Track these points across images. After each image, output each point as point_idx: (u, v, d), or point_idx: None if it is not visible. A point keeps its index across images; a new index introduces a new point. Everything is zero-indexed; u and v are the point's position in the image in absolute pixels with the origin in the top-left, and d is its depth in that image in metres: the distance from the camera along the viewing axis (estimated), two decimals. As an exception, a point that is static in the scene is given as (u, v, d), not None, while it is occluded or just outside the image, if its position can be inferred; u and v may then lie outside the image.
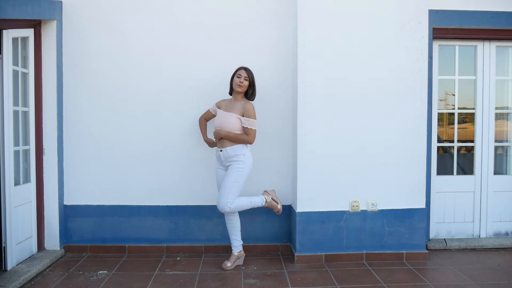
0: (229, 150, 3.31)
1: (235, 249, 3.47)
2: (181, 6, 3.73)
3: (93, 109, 3.74)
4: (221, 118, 3.35)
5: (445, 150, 4.15)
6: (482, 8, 3.78)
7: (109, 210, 3.78)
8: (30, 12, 3.23)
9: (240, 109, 3.33)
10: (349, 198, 3.55)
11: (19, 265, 3.26)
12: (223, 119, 3.33)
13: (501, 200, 4.06)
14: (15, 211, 3.26)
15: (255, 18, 3.74)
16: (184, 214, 3.80)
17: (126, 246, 3.78)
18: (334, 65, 3.48)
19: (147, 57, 3.73)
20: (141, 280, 3.14)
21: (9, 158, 3.17)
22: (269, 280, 3.16)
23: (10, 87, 3.18)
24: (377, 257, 3.56)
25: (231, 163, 3.31)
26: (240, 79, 3.34)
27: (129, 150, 3.76)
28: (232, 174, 3.28)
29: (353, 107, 3.52)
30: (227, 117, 3.32)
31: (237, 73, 3.37)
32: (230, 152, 3.31)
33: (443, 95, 4.13)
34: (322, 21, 3.46)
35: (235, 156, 3.30)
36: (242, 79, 3.34)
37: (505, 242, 3.94)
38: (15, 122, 3.32)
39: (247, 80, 3.35)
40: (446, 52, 4.02)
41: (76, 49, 3.71)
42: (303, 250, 3.53)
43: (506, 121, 4.16)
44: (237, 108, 3.34)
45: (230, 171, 3.30)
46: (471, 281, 3.12)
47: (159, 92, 3.74)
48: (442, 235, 4.03)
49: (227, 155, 3.32)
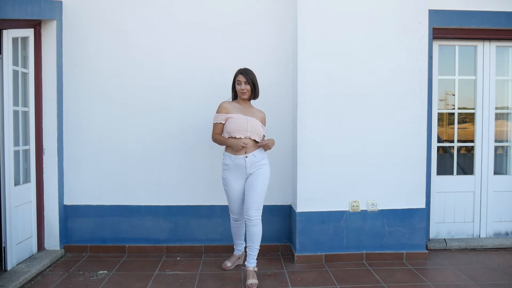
0: (256, 154, 3.10)
1: (238, 252, 3.44)
2: (181, 6, 3.73)
3: (93, 109, 3.74)
4: (251, 123, 3.08)
5: (445, 150, 4.15)
6: (482, 8, 3.78)
7: (109, 210, 3.78)
8: (30, 12, 3.23)
9: (258, 116, 3.18)
10: (349, 198, 3.55)
11: (19, 265, 3.26)
12: (253, 124, 3.08)
13: (501, 200, 4.06)
14: (15, 211, 3.26)
15: (255, 18, 3.74)
16: (184, 214, 3.80)
17: (126, 246, 3.79)
18: (334, 65, 3.48)
19: (147, 57, 3.73)
20: (141, 280, 3.14)
21: (9, 158, 3.17)
22: (269, 280, 3.16)
23: (10, 87, 3.18)
24: (377, 257, 3.56)
25: (259, 168, 3.11)
26: (240, 86, 3.13)
27: (129, 150, 3.76)
28: (262, 181, 3.09)
29: (353, 107, 3.52)
30: (255, 121, 3.11)
31: (236, 79, 3.16)
32: (258, 156, 3.11)
33: (443, 95, 4.13)
34: (322, 21, 3.46)
35: (262, 160, 3.13)
36: (243, 85, 3.12)
37: (505, 242, 3.94)
38: (15, 122, 3.32)
39: (247, 84, 3.12)
40: (446, 52, 4.02)
41: (76, 49, 3.71)
42: (303, 250, 3.53)
43: (506, 121, 4.16)
44: (256, 115, 3.18)
45: (259, 178, 3.09)
46: (471, 281, 3.12)
47: (159, 92, 3.74)
48: (442, 235, 4.03)
49: (254, 160, 3.08)
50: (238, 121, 3.07)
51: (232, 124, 3.07)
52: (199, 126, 3.75)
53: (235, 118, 3.08)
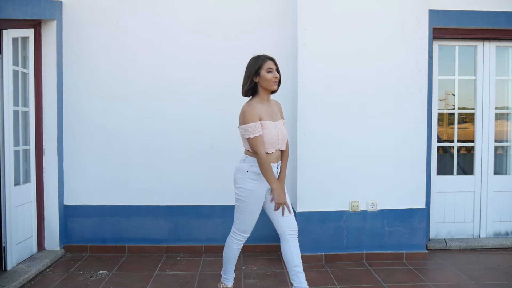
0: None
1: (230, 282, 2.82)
2: (181, 6, 3.73)
3: (93, 109, 3.74)
4: (280, 131, 2.54)
5: (445, 150, 4.15)
6: (482, 8, 3.78)
7: (109, 210, 3.78)
8: (30, 12, 3.23)
9: (281, 114, 2.66)
10: (349, 198, 3.55)
11: (19, 265, 3.26)
12: (282, 132, 2.56)
13: (501, 200, 4.05)
14: (15, 211, 3.26)
15: (255, 18, 3.74)
16: (184, 214, 3.80)
17: (126, 246, 3.78)
18: (334, 65, 3.48)
19: (147, 56, 3.73)
20: (141, 280, 3.14)
21: (9, 158, 3.17)
22: (269, 280, 3.16)
23: (10, 87, 3.18)
24: (377, 257, 3.56)
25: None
26: (273, 74, 2.49)
27: (129, 150, 3.76)
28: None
29: (353, 107, 3.52)
30: (281, 125, 2.59)
31: (267, 67, 2.48)
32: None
33: (443, 95, 4.13)
34: (322, 21, 3.46)
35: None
36: (275, 73, 2.51)
37: (505, 242, 3.94)
38: (15, 122, 3.32)
39: (279, 72, 2.55)
40: (446, 52, 4.01)
41: (76, 49, 3.71)
42: (303, 250, 3.49)
43: (506, 121, 4.16)
44: (279, 114, 2.64)
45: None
46: (471, 281, 3.12)
47: (160, 92, 3.74)
48: (442, 235, 4.03)
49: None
50: (270, 131, 2.47)
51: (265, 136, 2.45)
52: (199, 125, 3.75)
53: (267, 126, 2.47)
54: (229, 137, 3.73)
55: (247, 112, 2.44)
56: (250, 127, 2.41)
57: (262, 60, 2.52)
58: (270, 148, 2.49)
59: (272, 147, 2.50)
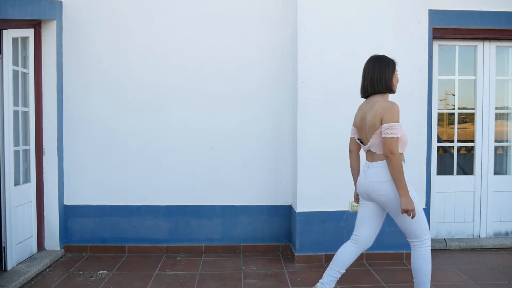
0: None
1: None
2: (181, 6, 3.73)
3: (93, 109, 3.74)
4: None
5: (445, 150, 4.15)
6: (482, 8, 3.78)
7: (109, 210, 3.78)
8: (30, 12, 3.23)
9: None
10: (349, 198, 3.54)
11: (19, 265, 3.26)
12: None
13: (501, 200, 4.05)
14: (15, 211, 3.26)
15: (255, 18, 3.74)
16: (184, 214, 3.79)
17: (126, 246, 3.78)
18: (334, 65, 3.47)
19: (148, 56, 3.73)
20: (141, 280, 3.14)
21: (9, 158, 3.17)
22: (269, 280, 3.16)
23: (10, 87, 3.18)
24: (377, 257, 3.56)
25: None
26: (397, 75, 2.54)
27: (129, 150, 3.76)
28: None
29: (353, 107, 3.50)
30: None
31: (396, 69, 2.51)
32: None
33: (443, 95, 4.13)
34: (322, 21, 3.46)
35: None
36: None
37: (505, 242, 3.94)
38: (15, 122, 3.32)
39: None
40: (446, 52, 4.01)
41: (76, 49, 3.71)
42: (303, 250, 3.53)
43: (506, 121, 4.16)
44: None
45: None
46: (471, 281, 3.12)
47: (160, 92, 3.74)
48: (442, 235, 4.03)
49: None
50: (404, 130, 2.41)
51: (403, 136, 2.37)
52: (199, 125, 3.75)
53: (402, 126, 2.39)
54: (230, 137, 3.74)
55: (397, 110, 2.34)
56: (398, 126, 2.32)
57: (392, 62, 2.50)
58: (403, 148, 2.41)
59: (405, 147, 2.43)
